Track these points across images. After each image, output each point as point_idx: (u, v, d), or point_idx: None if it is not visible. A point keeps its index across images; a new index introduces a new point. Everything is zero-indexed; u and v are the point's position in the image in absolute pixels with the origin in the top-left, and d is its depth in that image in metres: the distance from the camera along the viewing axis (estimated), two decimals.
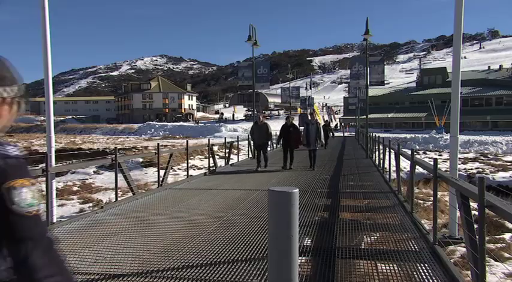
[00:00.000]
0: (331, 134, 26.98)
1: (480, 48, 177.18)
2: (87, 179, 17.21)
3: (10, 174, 1.07)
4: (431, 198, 6.24)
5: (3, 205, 1.03)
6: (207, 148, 14.67)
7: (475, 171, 19.08)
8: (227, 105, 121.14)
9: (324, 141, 13.18)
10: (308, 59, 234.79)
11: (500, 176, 17.73)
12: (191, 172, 13.95)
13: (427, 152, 27.48)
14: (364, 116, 22.45)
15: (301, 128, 14.73)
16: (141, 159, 18.91)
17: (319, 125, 12.83)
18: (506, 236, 7.65)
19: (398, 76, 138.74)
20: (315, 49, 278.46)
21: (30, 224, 1.06)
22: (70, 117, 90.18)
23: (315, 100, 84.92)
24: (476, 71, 72.38)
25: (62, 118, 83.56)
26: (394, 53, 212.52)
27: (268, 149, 13.98)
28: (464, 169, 19.35)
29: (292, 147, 12.53)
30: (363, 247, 4.88)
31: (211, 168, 13.42)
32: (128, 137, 50.16)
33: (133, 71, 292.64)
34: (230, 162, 15.54)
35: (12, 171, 1.07)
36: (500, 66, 78.27)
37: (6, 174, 1.06)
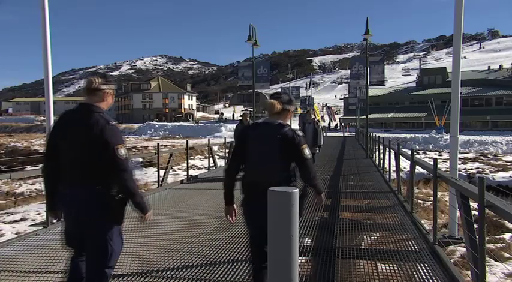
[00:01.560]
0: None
1: (480, 48, 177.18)
2: None
3: (303, 141, 2.90)
4: (431, 198, 6.24)
5: (302, 155, 2.85)
6: (207, 148, 14.67)
7: (475, 171, 19.08)
8: (227, 105, 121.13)
9: (321, 144, 10.96)
10: (308, 59, 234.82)
11: (500, 176, 17.73)
12: (191, 172, 13.95)
13: (427, 152, 27.48)
14: (364, 116, 22.45)
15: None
16: (141, 159, 18.90)
17: (317, 124, 10.83)
18: (506, 236, 7.64)
19: (398, 76, 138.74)
20: (315, 49, 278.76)
21: (309, 160, 2.90)
22: None
23: (315, 100, 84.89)
24: (476, 71, 72.37)
25: None
26: (394, 53, 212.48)
27: None
28: (464, 169, 19.35)
29: None
30: (363, 247, 4.88)
31: (210, 168, 13.35)
32: (127, 137, 50.17)
33: (133, 71, 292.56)
34: None
35: (303, 140, 2.89)
36: (500, 66, 78.30)
37: (302, 141, 2.86)
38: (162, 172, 10.20)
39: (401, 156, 8.96)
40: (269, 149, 2.87)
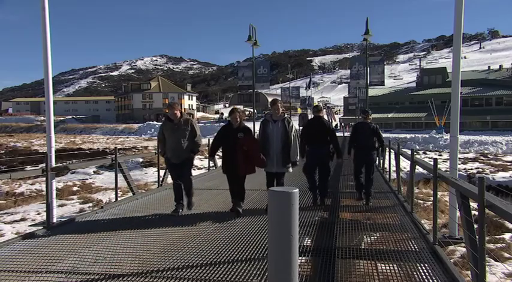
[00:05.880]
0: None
1: (480, 48, 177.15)
2: (87, 179, 17.21)
3: (379, 128, 7.98)
4: (431, 198, 6.24)
5: (379, 134, 7.82)
6: (206, 148, 14.64)
7: (475, 171, 19.08)
8: (227, 105, 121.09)
9: (296, 160, 6.45)
10: (308, 59, 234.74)
11: (500, 176, 17.73)
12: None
13: (427, 152, 27.48)
14: None
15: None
16: (141, 159, 18.91)
17: (290, 124, 6.41)
18: (506, 236, 7.65)
19: (399, 76, 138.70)
20: (315, 49, 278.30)
21: (381, 135, 8.00)
22: (70, 117, 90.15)
23: (315, 100, 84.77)
24: (476, 71, 72.40)
25: (62, 118, 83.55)
26: (394, 53, 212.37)
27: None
28: (464, 169, 19.34)
29: (242, 170, 6.18)
30: (363, 247, 4.87)
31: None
32: (127, 137, 50.17)
33: (133, 71, 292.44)
34: None
35: (378, 127, 8.04)
36: (500, 66, 78.37)
37: (378, 128, 8.00)
38: (162, 172, 10.20)
39: (401, 156, 8.97)
40: (368, 133, 7.49)
